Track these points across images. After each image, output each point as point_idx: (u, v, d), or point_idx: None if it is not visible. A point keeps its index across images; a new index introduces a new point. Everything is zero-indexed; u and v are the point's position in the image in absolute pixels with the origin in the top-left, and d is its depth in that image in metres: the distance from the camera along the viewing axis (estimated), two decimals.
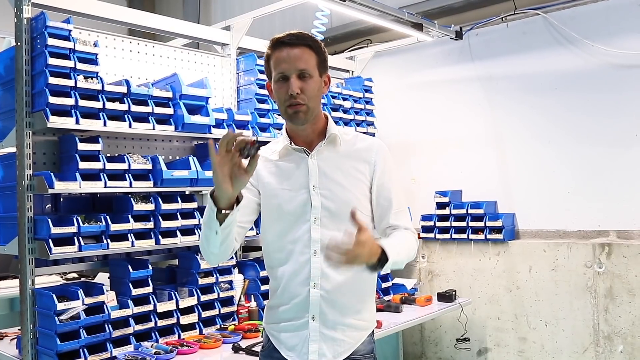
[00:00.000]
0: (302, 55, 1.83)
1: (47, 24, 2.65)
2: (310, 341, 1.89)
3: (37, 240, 2.67)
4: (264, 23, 4.42)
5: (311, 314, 1.89)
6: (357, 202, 1.91)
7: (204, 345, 2.89)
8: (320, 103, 1.94)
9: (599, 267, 3.72)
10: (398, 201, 1.97)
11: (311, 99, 1.84)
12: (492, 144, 4.27)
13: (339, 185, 1.91)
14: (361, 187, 1.94)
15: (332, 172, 1.91)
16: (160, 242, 2.96)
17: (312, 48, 1.86)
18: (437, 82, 4.56)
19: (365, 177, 1.94)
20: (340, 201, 1.89)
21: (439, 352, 4.50)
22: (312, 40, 1.87)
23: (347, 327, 1.91)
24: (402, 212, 1.98)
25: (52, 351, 2.55)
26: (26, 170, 2.68)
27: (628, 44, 3.67)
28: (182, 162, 3.15)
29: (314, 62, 1.86)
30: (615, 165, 3.73)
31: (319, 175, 1.91)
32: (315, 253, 1.88)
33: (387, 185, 1.96)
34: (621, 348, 3.64)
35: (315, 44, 1.88)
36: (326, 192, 1.90)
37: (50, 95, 2.62)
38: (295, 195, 1.90)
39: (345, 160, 1.94)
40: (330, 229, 1.88)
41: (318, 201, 1.89)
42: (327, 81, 1.93)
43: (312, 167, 1.91)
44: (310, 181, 1.90)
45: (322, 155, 1.92)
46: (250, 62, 3.69)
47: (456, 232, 4.29)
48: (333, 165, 1.92)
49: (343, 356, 1.90)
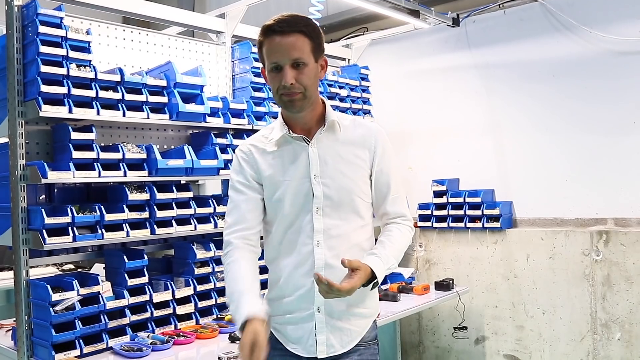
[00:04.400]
0: (295, 43, 1.76)
1: (39, 11, 2.60)
2: (318, 333, 1.87)
3: (31, 230, 2.64)
4: (259, 10, 4.38)
5: (316, 305, 1.86)
6: (358, 189, 1.90)
7: (200, 335, 2.88)
8: (318, 89, 1.88)
9: (597, 255, 3.72)
10: (396, 187, 1.96)
11: (307, 86, 1.79)
12: (490, 132, 4.25)
13: (340, 172, 1.87)
14: (361, 174, 1.92)
15: (333, 160, 1.88)
16: (155, 232, 2.93)
17: (305, 33, 1.78)
18: (434, 69, 4.53)
19: (365, 163, 1.92)
20: (342, 189, 1.87)
21: (436, 341, 4.51)
22: (305, 25, 1.79)
23: (354, 316, 1.90)
24: (399, 198, 1.98)
25: (48, 342, 2.53)
26: (19, 160, 2.65)
27: (626, 31, 3.64)
28: (177, 151, 3.12)
29: (308, 48, 1.78)
30: (613, 153, 3.71)
31: (319, 164, 1.87)
32: (319, 244, 1.85)
33: (386, 171, 1.95)
34: (618, 335, 3.64)
35: (309, 27, 1.80)
36: (328, 180, 1.86)
37: (42, 84, 2.58)
38: (297, 186, 1.87)
39: (345, 147, 1.90)
40: (332, 218, 1.86)
41: (320, 190, 1.86)
42: (323, 65, 1.87)
43: (312, 156, 1.87)
44: (312, 170, 1.86)
45: (321, 143, 1.88)
46: (245, 50, 3.65)
47: (453, 221, 4.27)
48: (334, 152, 1.88)
49: (351, 345, 1.89)
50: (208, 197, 3.24)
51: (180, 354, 2.69)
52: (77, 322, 2.61)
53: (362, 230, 1.92)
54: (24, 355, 2.62)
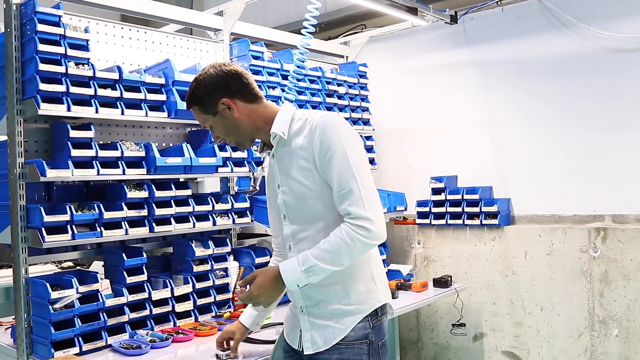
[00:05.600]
0: (196, 115, 2.05)
1: (37, 9, 2.60)
2: (303, 331, 1.99)
3: (30, 228, 2.64)
4: (257, 7, 4.39)
5: (299, 305, 2.01)
6: (310, 192, 1.92)
7: (199, 332, 2.89)
8: (243, 123, 2.00)
9: (595, 252, 3.73)
10: (342, 182, 1.85)
11: (228, 134, 2.03)
12: (488, 129, 4.26)
13: (293, 179, 1.95)
14: (310, 176, 1.91)
15: (288, 168, 1.97)
16: (154, 230, 2.94)
17: (194, 104, 2.02)
18: (432, 67, 4.53)
19: (311, 164, 1.90)
20: (295, 195, 1.95)
21: (434, 338, 4.52)
22: (192, 96, 2.02)
23: (336, 313, 1.95)
24: (348, 192, 1.84)
25: (47, 340, 2.54)
26: (18, 159, 2.66)
27: (624, 28, 3.64)
28: (175, 149, 3.13)
29: (202, 114, 2.02)
30: (611, 150, 3.72)
31: (279, 173, 2.00)
32: (290, 248, 2.01)
33: (329, 167, 1.86)
34: (616, 332, 3.65)
35: (192, 95, 2.02)
36: (285, 188, 1.99)
37: (40, 82, 2.58)
38: (273, 196, 2.06)
39: (295, 152, 1.95)
40: (297, 224, 1.98)
41: (282, 199, 2.00)
42: (226, 102, 1.97)
43: (273, 167, 2.03)
44: (275, 180, 2.02)
45: (278, 154, 2.01)
46: (243, 48, 3.65)
47: (452, 218, 4.28)
48: (286, 160, 1.98)
49: (334, 342, 1.94)
50: (207, 195, 3.24)
51: (179, 351, 2.69)
52: (76, 319, 2.61)
53: (326, 231, 1.91)
54: (23, 353, 2.63)
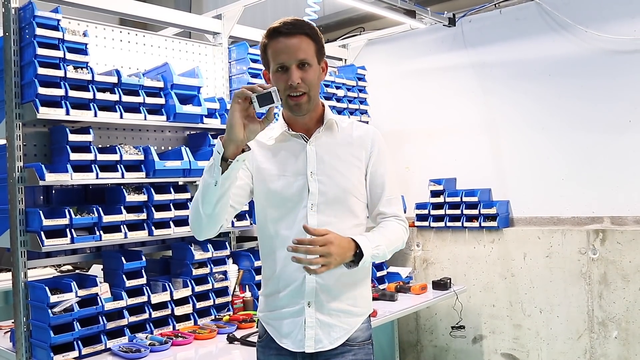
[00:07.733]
0: (300, 45, 1.82)
1: (36, 13, 2.61)
2: (307, 327, 1.90)
3: (29, 232, 2.65)
4: (255, 11, 4.39)
5: (307, 300, 1.90)
6: (354, 188, 1.95)
7: (198, 336, 2.89)
8: (319, 90, 1.95)
9: (593, 254, 3.73)
10: (390, 188, 1.99)
11: (312, 87, 1.85)
12: (486, 131, 4.26)
13: (337, 171, 1.93)
14: (357, 174, 1.96)
15: (330, 159, 1.93)
16: (153, 233, 2.95)
17: (309, 36, 1.85)
18: (430, 69, 4.54)
19: (361, 164, 1.97)
20: (337, 187, 1.92)
21: (434, 340, 4.52)
22: (309, 28, 1.86)
23: (342, 313, 1.93)
24: (394, 199, 2.01)
25: (46, 344, 2.54)
26: (17, 162, 2.66)
27: (621, 30, 3.65)
28: (174, 152, 3.13)
29: (312, 50, 1.85)
30: (609, 152, 3.73)
31: (316, 161, 1.92)
32: None
33: (381, 172, 1.98)
34: (615, 334, 3.65)
35: (313, 31, 1.87)
36: (324, 178, 1.91)
37: (39, 86, 2.59)
38: (293, 182, 1.92)
39: (342, 147, 1.96)
40: (326, 215, 1.90)
41: (316, 187, 1.90)
42: (324, 67, 1.95)
43: (310, 153, 1.92)
44: (308, 167, 1.91)
45: (319, 142, 1.94)
46: (242, 51, 3.66)
47: (450, 220, 4.28)
48: (331, 151, 1.94)
49: (339, 342, 1.92)
50: None
51: (179, 354, 2.69)
52: (75, 323, 2.61)
53: (355, 229, 1.94)
54: (22, 356, 2.63)
